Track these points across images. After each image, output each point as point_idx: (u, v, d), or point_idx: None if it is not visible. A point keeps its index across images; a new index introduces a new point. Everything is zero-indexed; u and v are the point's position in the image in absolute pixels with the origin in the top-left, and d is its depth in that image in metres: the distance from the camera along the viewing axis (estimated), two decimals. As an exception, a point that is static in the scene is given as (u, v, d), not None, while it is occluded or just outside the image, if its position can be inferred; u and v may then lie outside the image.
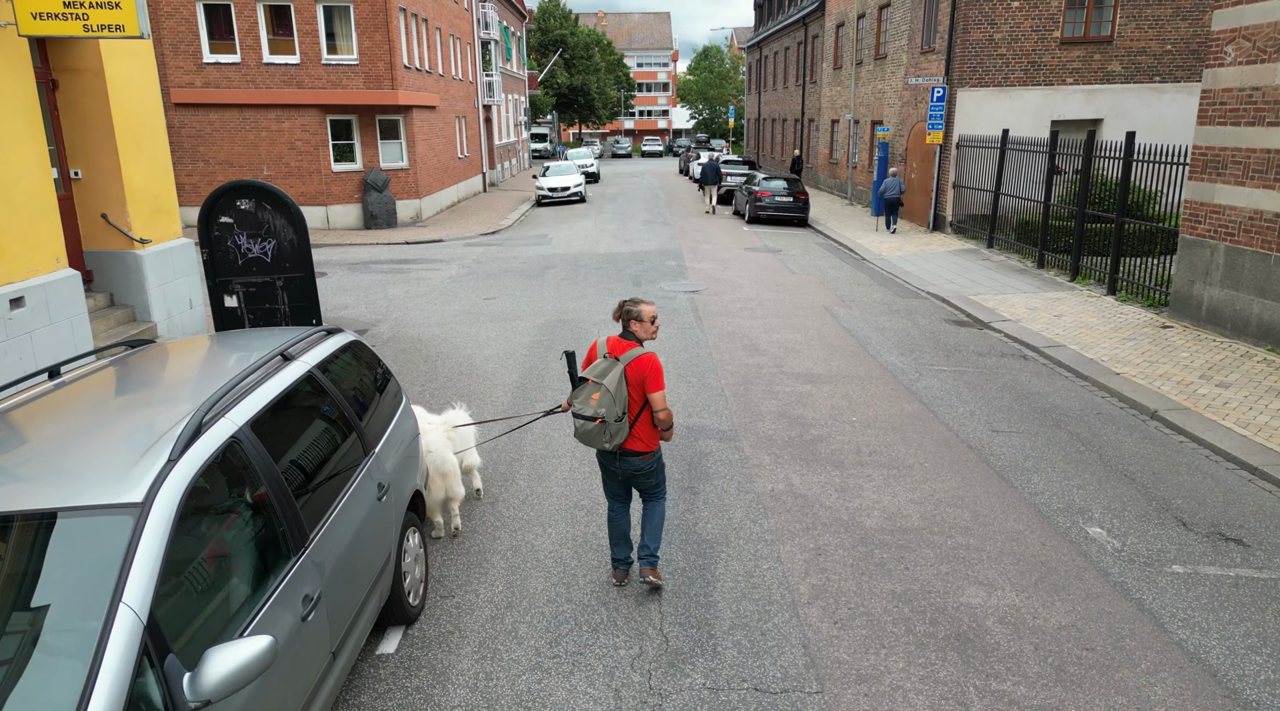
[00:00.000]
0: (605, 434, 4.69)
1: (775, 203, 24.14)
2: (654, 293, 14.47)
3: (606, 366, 4.75)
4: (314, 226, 22.86)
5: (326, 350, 4.48)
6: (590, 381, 4.75)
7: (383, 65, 22.20)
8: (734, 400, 8.80)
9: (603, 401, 4.65)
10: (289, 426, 3.84)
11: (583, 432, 4.76)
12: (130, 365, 4.08)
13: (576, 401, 4.78)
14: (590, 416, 4.68)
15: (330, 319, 12.94)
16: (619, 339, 4.89)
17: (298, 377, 4.00)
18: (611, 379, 4.67)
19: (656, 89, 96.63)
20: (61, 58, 9.46)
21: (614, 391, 4.65)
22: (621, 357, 4.75)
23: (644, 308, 4.87)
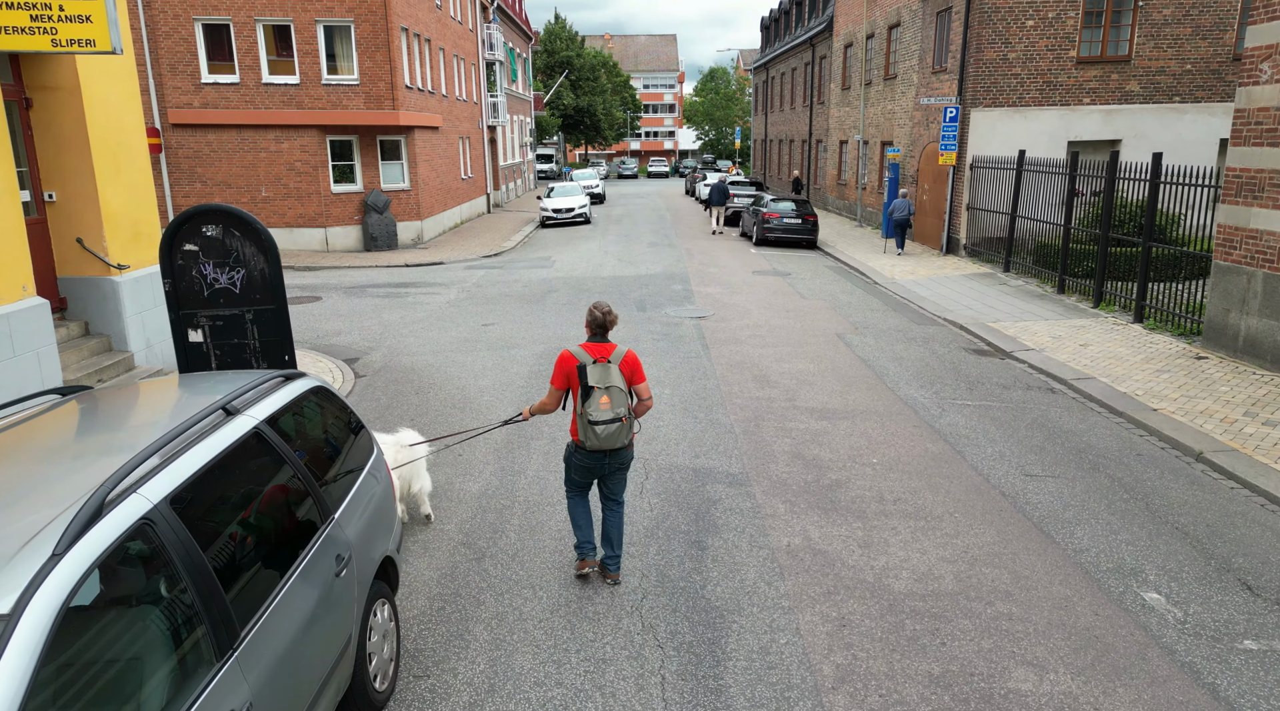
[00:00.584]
0: (625, 430, 5.04)
1: (784, 224, 23.63)
2: (659, 319, 13.91)
3: (602, 371, 5.01)
4: (313, 249, 22.43)
5: (281, 400, 3.90)
6: (596, 388, 4.98)
7: (384, 85, 21.85)
8: (744, 439, 8.19)
9: (616, 401, 4.98)
10: (223, 498, 3.26)
11: (606, 435, 4.98)
12: (47, 421, 3.51)
13: (590, 410, 4.97)
14: (612, 418, 4.96)
15: (322, 345, 12.41)
16: (594, 343, 5.12)
17: (240, 436, 3.42)
18: (615, 379, 5.00)
19: (663, 110, 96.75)
20: (36, 75, 9.00)
21: (623, 389, 5.03)
22: (612, 358, 5.06)
23: (613, 315, 5.21)
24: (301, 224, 22.33)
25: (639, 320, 13.79)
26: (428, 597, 5.32)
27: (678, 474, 7.28)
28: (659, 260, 21.05)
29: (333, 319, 14.25)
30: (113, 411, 3.67)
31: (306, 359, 11.50)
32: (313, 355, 11.70)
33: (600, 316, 5.10)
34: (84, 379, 8.79)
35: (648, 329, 13.14)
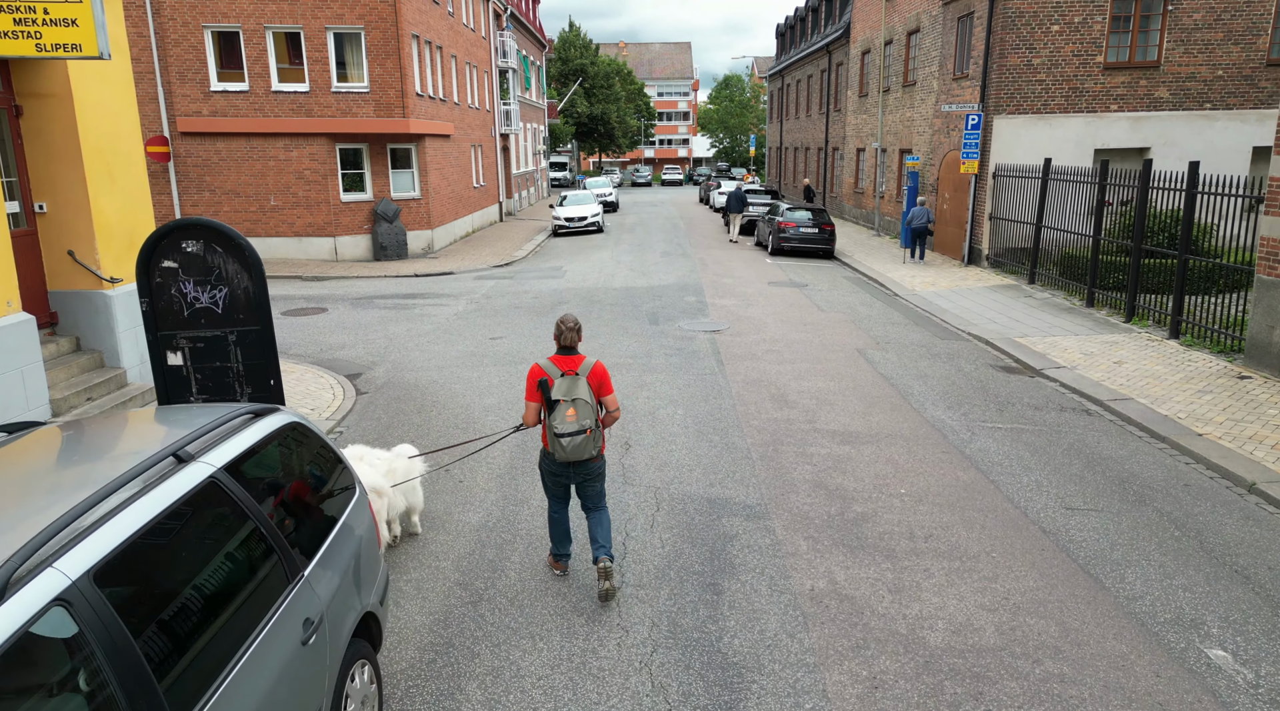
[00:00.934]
0: (592, 442, 5.09)
1: (800, 234, 23.13)
2: (672, 332, 13.45)
3: (570, 383, 5.06)
4: (322, 258, 22.14)
5: (247, 441, 3.46)
6: (562, 401, 5.04)
7: (394, 93, 21.55)
8: (762, 465, 7.70)
9: (582, 414, 5.04)
10: (164, 565, 2.82)
11: (573, 447, 5.05)
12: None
13: (556, 423, 5.03)
14: (577, 430, 5.02)
15: (325, 360, 12.03)
16: (562, 356, 5.18)
17: (190, 489, 2.98)
18: (582, 392, 5.05)
19: (677, 118, 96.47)
20: (26, 81, 8.66)
21: (589, 402, 5.07)
22: (580, 370, 5.11)
23: (578, 330, 5.26)
24: (310, 233, 22.05)
25: (651, 334, 13.34)
26: (418, 648, 4.87)
27: (691, 505, 6.81)
28: (672, 270, 20.60)
29: (337, 332, 13.88)
30: (46, 458, 3.25)
31: (308, 374, 11.12)
32: (314, 370, 11.32)
33: (565, 330, 5.17)
34: (72, 397, 8.42)
35: (660, 343, 12.69)
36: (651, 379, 10.67)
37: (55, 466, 3.18)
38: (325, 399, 10.05)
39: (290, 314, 15.34)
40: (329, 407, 9.72)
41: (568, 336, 5.17)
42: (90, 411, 8.40)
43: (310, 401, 9.91)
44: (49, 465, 3.19)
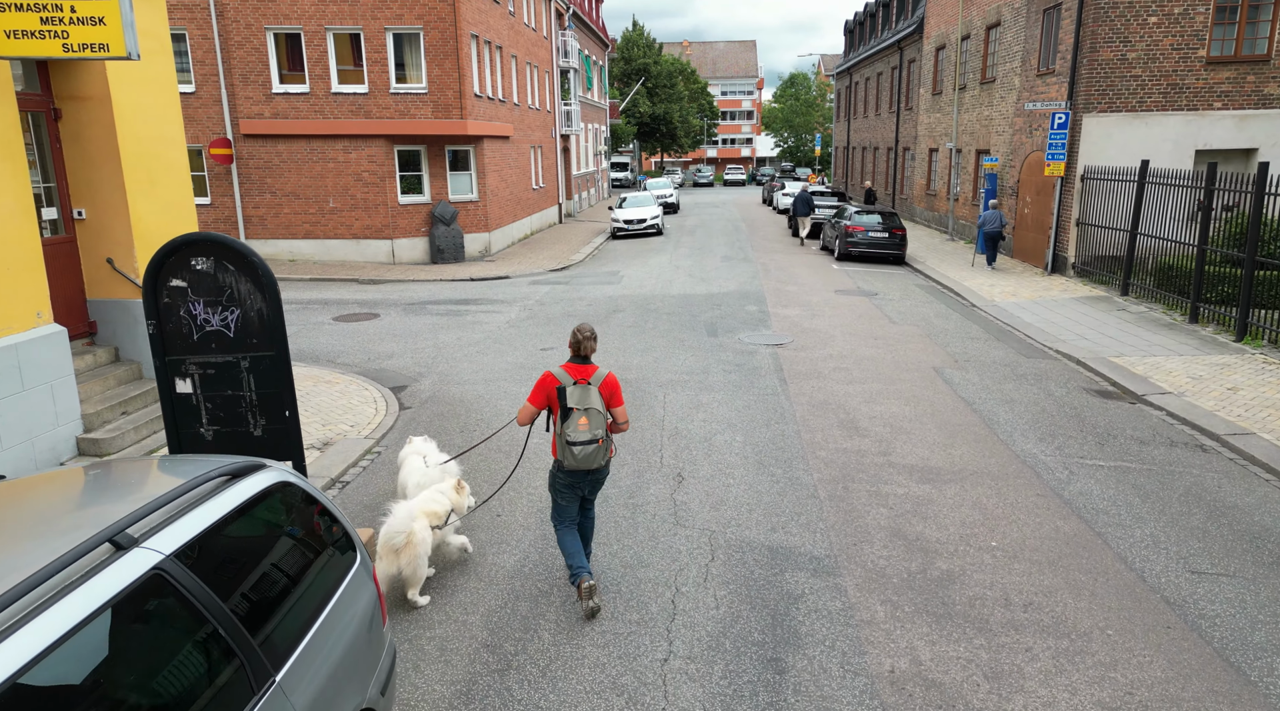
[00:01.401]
0: (603, 451, 5.14)
1: (869, 238, 22.05)
2: (731, 346, 12.67)
3: (581, 392, 5.09)
4: (379, 261, 21.98)
5: (211, 515, 2.87)
6: (575, 409, 5.07)
7: (452, 94, 21.24)
8: (830, 506, 6.90)
9: (594, 423, 5.08)
10: (83, 690, 2.22)
11: (584, 456, 5.08)
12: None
13: (568, 431, 5.06)
14: (589, 439, 5.06)
15: (371, 370, 11.62)
16: (575, 365, 5.20)
17: (122, 589, 2.39)
18: (594, 401, 5.09)
19: (740, 117, 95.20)
20: (65, 84, 8.40)
21: (601, 411, 5.11)
22: (592, 380, 5.14)
23: (593, 339, 5.26)
24: (368, 236, 21.91)
25: (709, 347, 12.58)
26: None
27: (750, 554, 6.06)
28: (733, 276, 19.78)
29: (387, 339, 13.49)
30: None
31: (352, 386, 10.70)
32: (359, 382, 10.90)
33: (580, 339, 5.19)
34: (105, 411, 8.11)
35: (718, 357, 11.93)
36: (708, 399, 9.93)
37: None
38: (366, 414, 9.59)
39: (342, 319, 15.06)
40: (369, 424, 9.25)
41: (586, 345, 5.20)
42: (124, 426, 8.07)
43: (351, 416, 9.46)
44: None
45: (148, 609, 2.48)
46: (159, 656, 2.48)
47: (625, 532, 6.42)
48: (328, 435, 8.80)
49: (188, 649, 2.56)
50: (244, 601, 2.83)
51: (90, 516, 2.69)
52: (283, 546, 3.25)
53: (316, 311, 15.74)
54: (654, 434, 8.68)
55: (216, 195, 21.64)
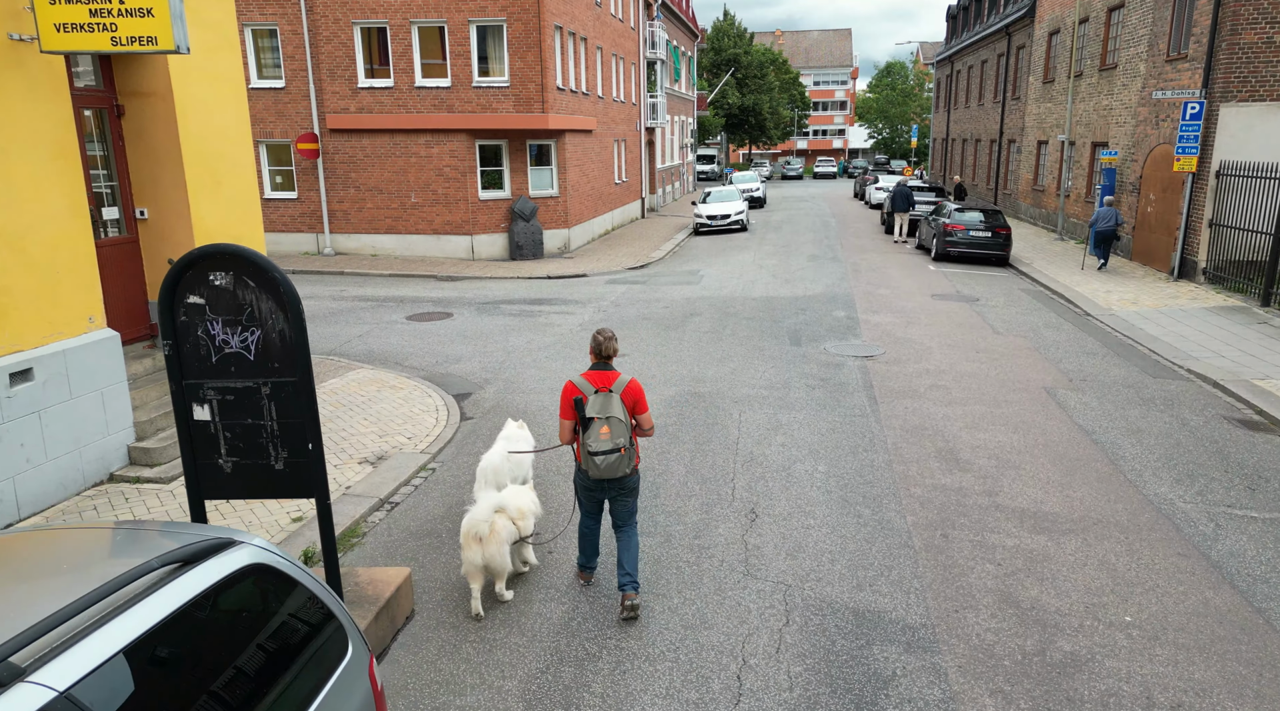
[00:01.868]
0: (626, 460, 5.04)
1: (970, 238, 20.58)
2: (816, 357, 11.73)
3: (603, 401, 5.00)
4: (459, 257, 21.82)
5: (144, 622, 2.27)
6: (597, 419, 4.99)
7: (534, 87, 20.83)
8: (927, 559, 6.00)
9: (616, 432, 4.99)
10: None
11: (606, 465, 5.01)
12: None
13: (590, 441, 4.99)
14: (611, 449, 4.99)
15: (437, 375, 11.22)
16: (597, 372, 5.11)
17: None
18: (616, 409, 4.99)
19: (833, 108, 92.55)
20: (127, 79, 8.19)
21: (623, 420, 5.01)
22: (614, 387, 5.04)
23: (614, 344, 5.19)
24: (448, 231, 21.77)
25: (791, 358, 11.69)
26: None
27: (832, 619, 5.24)
28: (820, 277, 18.71)
29: (457, 341, 13.12)
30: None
31: (416, 393, 10.31)
32: (423, 388, 10.50)
33: (601, 341, 5.14)
34: (160, 419, 7.87)
35: (801, 370, 11.03)
36: (788, 419, 9.08)
37: None
38: (426, 425, 9.15)
39: (415, 318, 14.80)
40: (428, 436, 8.79)
41: (608, 347, 5.14)
42: (177, 434, 7.80)
43: (410, 427, 9.03)
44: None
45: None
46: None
47: (689, 582, 5.70)
48: (383, 448, 8.37)
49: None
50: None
51: None
52: (251, 649, 2.65)
53: (391, 310, 15.54)
54: (726, 459, 7.91)
55: (303, 190, 21.87)
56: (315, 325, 14.14)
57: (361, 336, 13.38)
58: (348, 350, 12.54)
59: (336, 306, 15.78)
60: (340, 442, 8.47)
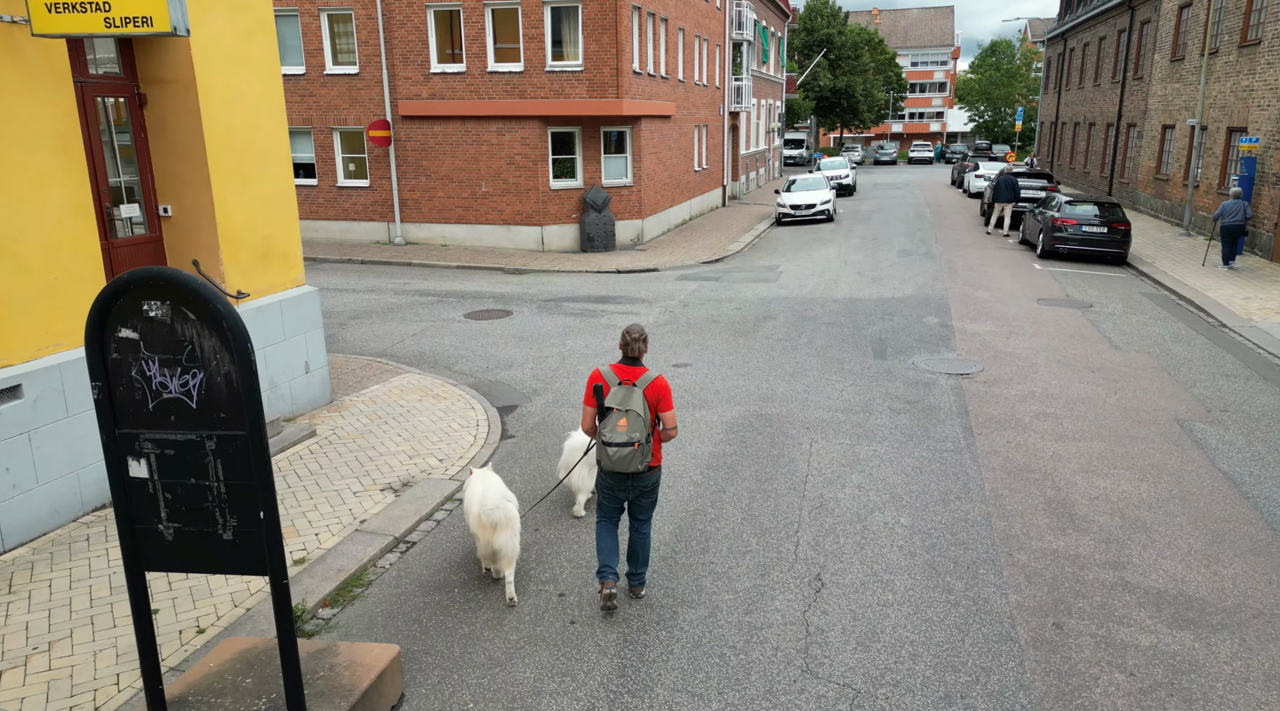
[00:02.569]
0: (639, 456, 4.95)
1: (1082, 234, 18.61)
2: (903, 373, 10.43)
3: (625, 393, 4.94)
4: (528, 248, 21.13)
5: None
6: (615, 410, 4.94)
7: (608, 72, 19.85)
8: (1035, 661, 4.80)
9: (633, 426, 4.92)
10: None
11: (618, 458, 4.95)
12: None
13: (605, 431, 4.96)
14: (625, 442, 4.92)
15: (485, 383, 10.46)
16: (624, 365, 5.06)
17: None
18: (635, 403, 4.92)
19: (931, 89, 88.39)
20: (150, 65, 7.61)
21: (642, 415, 4.92)
22: (638, 382, 4.98)
23: (642, 345, 5.06)
24: (519, 221, 21.10)
25: (875, 374, 10.42)
26: None
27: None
28: (911, 276, 17.18)
29: (512, 344, 12.34)
30: None
31: (458, 404, 9.55)
32: (467, 397, 9.75)
33: (631, 340, 5.06)
34: (175, 434, 7.31)
35: (885, 390, 9.77)
36: (867, 451, 7.89)
37: None
38: (463, 443, 8.36)
39: (473, 316, 14.11)
40: (461, 458, 7.99)
41: (634, 347, 5.06)
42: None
43: (445, 445, 8.26)
44: None
45: None
46: None
47: (733, 676, 4.67)
48: (410, 472, 7.61)
49: None
50: None
51: None
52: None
53: (451, 306, 14.91)
54: (791, 504, 6.82)
55: (375, 178, 21.56)
56: (372, 322, 13.62)
57: (415, 336, 12.76)
58: (398, 351, 11.93)
59: (396, 302, 15.27)
60: (366, 463, 7.76)
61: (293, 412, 8.88)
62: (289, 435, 8.21)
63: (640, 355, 5.06)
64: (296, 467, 7.64)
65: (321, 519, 6.65)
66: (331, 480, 7.38)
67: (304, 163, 21.94)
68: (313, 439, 8.35)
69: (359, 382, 10.30)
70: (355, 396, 9.75)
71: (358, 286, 16.57)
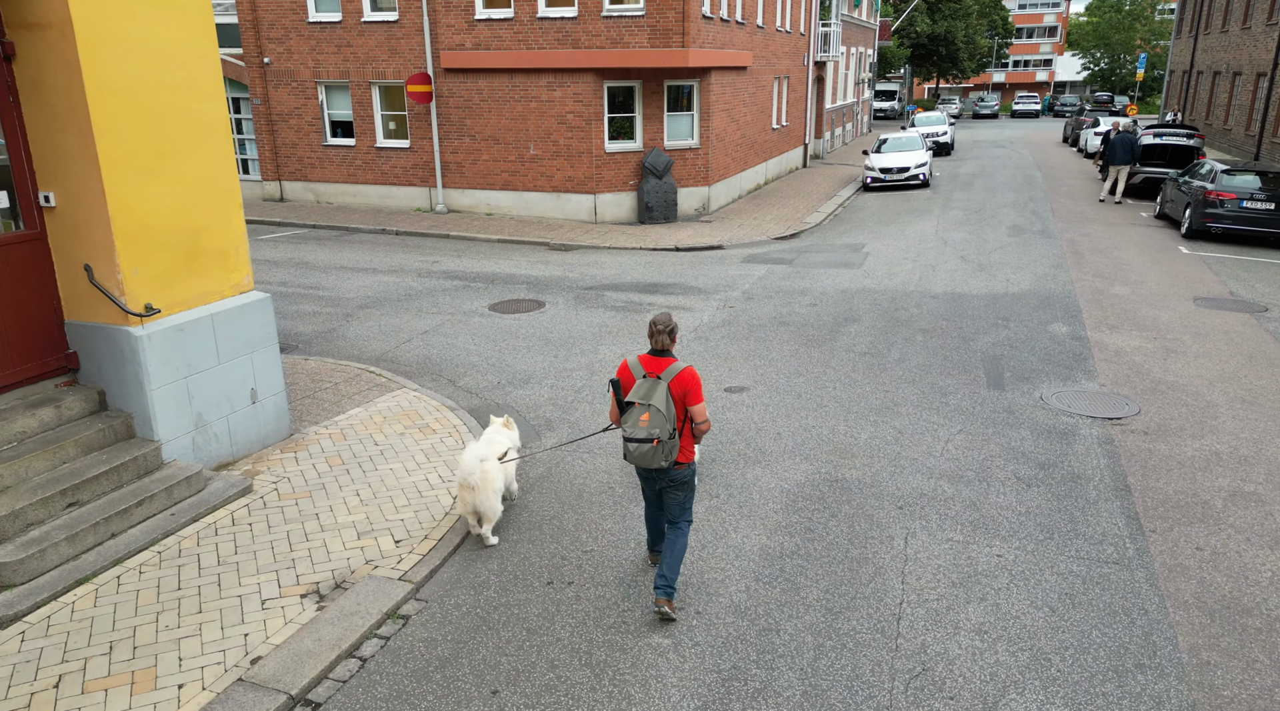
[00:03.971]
0: (662, 453, 4.77)
1: (1243, 212, 15.29)
2: (1029, 410, 7.90)
3: (649, 386, 4.78)
4: (580, 219, 18.93)
5: None
6: (638, 404, 4.78)
7: (673, 16, 17.24)
8: None
9: (654, 422, 4.74)
10: None
11: (637, 454, 4.81)
12: None
13: (626, 425, 4.83)
14: (645, 438, 4.75)
15: (489, 405, 8.44)
16: (651, 356, 4.88)
17: None
18: (659, 398, 4.74)
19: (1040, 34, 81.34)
20: (16, 6, 5.66)
21: (665, 410, 4.73)
22: (663, 375, 4.79)
23: (667, 338, 4.81)
24: (569, 188, 18.88)
25: (991, 412, 7.92)
26: None
27: None
28: (1027, 262, 14.31)
29: (536, 349, 10.26)
30: None
31: (450, 439, 7.55)
32: (462, 430, 7.73)
33: (657, 331, 4.81)
34: (37, 506, 5.50)
35: (1006, 441, 7.29)
36: (988, 558, 5.52)
37: None
38: (437, 510, 6.34)
39: (499, 308, 12.07)
40: (426, 539, 5.96)
41: (659, 340, 4.79)
42: (55, 533, 5.42)
43: (411, 515, 6.25)
44: None
45: None
46: None
47: None
48: (350, 563, 5.63)
49: None
50: None
51: None
52: None
53: (477, 294, 12.91)
54: (875, 655, 4.56)
55: (416, 137, 19.62)
56: (382, 313, 11.74)
57: (426, 335, 10.82)
58: (400, 356, 10.00)
59: (417, 286, 13.34)
60: (298, 545, 5.83)
61: (231, 456, 7.02)
62: (213, 494, 6.34)
63: (667, 347, 4.79)
64: (203, 551, 5.75)
65: (200, 652, 4.74)
66: (242, 575, 5.47)
67: (342, 120, 20.16)
68: (244, 498, 6.46)
69: (336, 404, 8.40)
70: (323, 427, 7.84)
71: (380, 265, 14.73)
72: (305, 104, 20.10)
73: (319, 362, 9.67)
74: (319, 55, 19.62)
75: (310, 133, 20.30)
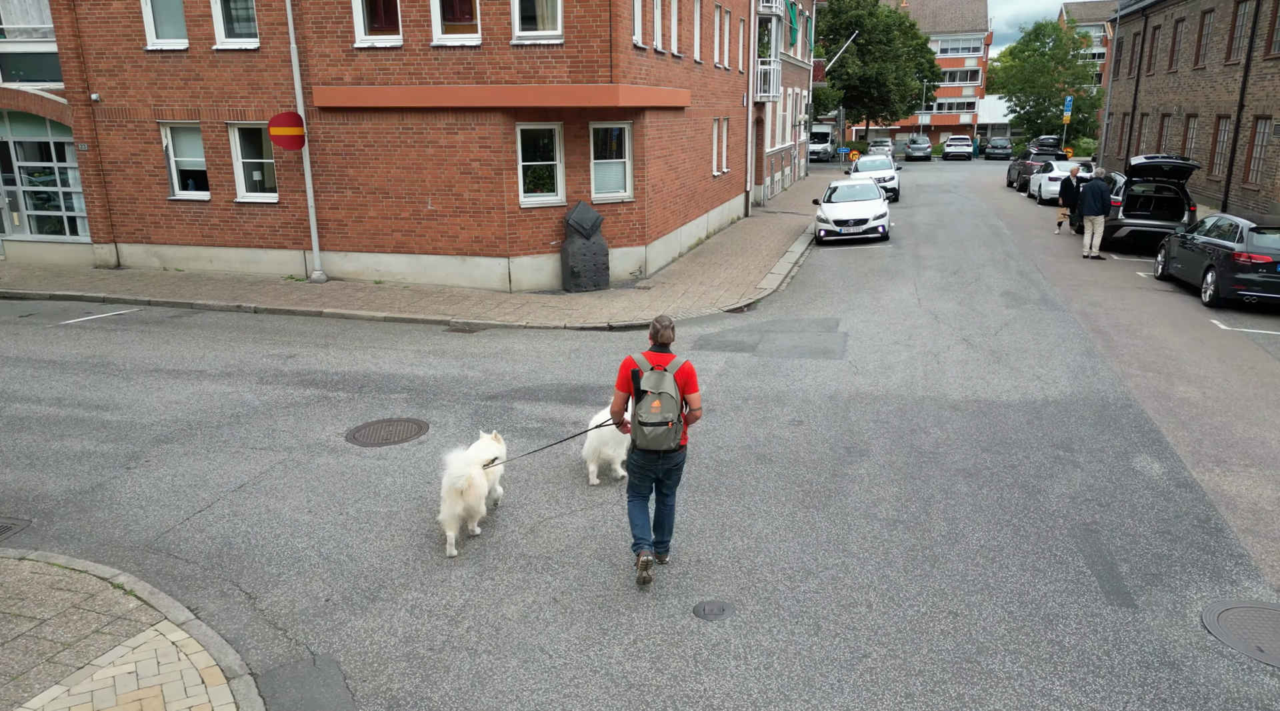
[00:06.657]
0: (674, 434, 5.45)
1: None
2: (1192, 658, 4.81)
3: (659, 377, 5.43)
4: (492, 287, 15.54)
5: None
6: (650, 392, 5.41)
7: (598, 45, 14.20)
8: None
9: (666, 407, 5.41)
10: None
11: (653, 437, 5.42)
12: None
13: (641, 412, 5.42)
14: (660, 422, 5.40)
15: (283, 683, 4.89)
16: (655, 353, 5.54)
17: None
18: (668, 387, 5.42)
19: (962, 78, 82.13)
20: None
21: (675, 398, 5.43)
22: (669, 366, 5.47)
23: (671, 332, 5.52)
24: (478, 251, 15.49)
25: (1128, 649, 4.81)
26: None
27: None
28: (1047, 348, 11.48)
29: (401, 518, 6.76)
30: None
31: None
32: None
33: (661, 328, 5.50)
34: None
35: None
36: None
37: None
38: None
39: (360, 438, 8.53)
40: None
41: (664, 335, 5.49)
42: None
43: None
44: None
45: None
46: None
47: None
48: None
49: None
50: None
51: None
52: None
53: (337, 411, 9.33)
54: None
55: (286, 190, 15.98)
56: (189, 451, 8.06)
57: (240, 492, 7.21)
58: (186, 540, 6.36)
59: (256, 400, 9.67)
60: None
61: None
62: None
63: (670, 341, 5.47)
64: None
65: None
66: None
67: (194, 169, 16.40)
68: None
69: (9, 679, 4.74)
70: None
71: (213, 365, 10.99)
72: (146, 150, 16.26)
73: (37, 566, 5.98)
74: (161, 90, 15.87)
75: (153, 184, 16.44)
